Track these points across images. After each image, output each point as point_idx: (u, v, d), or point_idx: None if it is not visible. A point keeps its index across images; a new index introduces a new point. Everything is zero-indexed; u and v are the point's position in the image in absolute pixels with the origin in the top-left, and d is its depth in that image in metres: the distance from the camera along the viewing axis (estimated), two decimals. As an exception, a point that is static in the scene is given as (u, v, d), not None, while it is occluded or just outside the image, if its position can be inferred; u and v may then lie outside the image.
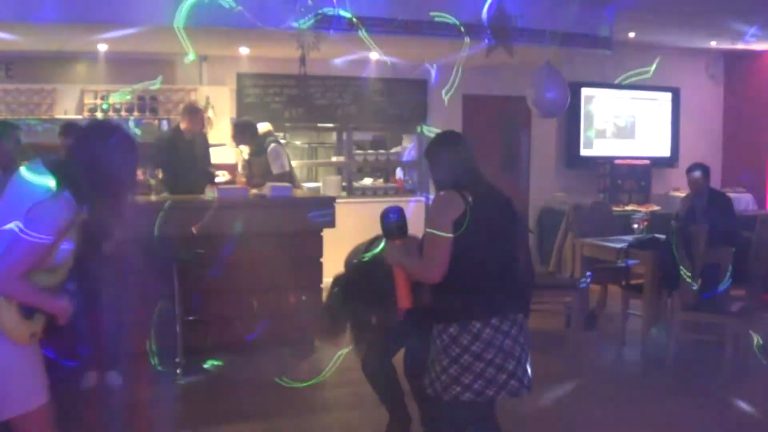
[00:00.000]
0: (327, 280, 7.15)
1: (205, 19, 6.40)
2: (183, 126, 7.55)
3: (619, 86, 11.57)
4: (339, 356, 5.43)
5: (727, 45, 11.58)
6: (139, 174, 8.15)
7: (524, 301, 3.87)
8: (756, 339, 6.64)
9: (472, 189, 3.52)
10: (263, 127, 8.31)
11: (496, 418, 3.78)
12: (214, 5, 5.57)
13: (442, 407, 3.57)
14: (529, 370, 3.60)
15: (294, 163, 8.89)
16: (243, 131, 8.06)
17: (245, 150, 8.23)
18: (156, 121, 9.63)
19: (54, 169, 2.99)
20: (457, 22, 7.21)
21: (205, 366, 6.14)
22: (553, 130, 11.45)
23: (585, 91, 11.46)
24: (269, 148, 7.95)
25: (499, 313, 3.52)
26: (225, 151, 9.40)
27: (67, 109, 9.20)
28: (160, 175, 7.64)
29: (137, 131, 8.26)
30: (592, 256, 7.69)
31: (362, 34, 6.57)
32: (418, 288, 3.75)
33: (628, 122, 11.92)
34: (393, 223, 3.75)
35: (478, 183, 3.63)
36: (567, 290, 7.47)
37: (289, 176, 7.86)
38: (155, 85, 8.50)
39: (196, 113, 7.64)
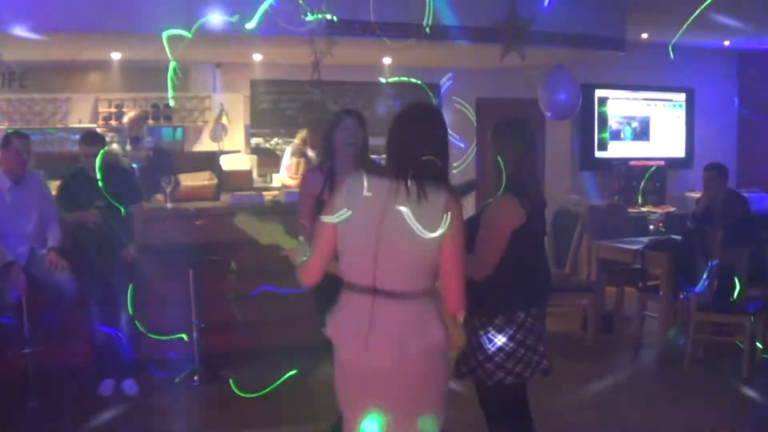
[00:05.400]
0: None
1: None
2: None
3: (633, 87, 11.56)
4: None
5: (740, 44, 11.53)
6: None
7: (548, 288, 4.11)
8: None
9: (531, 194, 3.62)
10: None
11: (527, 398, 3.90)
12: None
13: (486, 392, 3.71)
14: None
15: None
16: (315, 132, 7.66)
17: (312, 154, 7.88)
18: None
19: None
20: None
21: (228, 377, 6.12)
22: (566, 133, 11.42)
23: (598, 93, 11.44)
24: None
25: (537, 303, 3.70)
26: (238, 159, 9.42)
27: (81, 118, 9.25)
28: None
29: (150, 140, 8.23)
30: (608, 258, 7.67)
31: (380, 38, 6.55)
32: None
33: (642, 123, 11.88)
34: None
35: (535, 184, 3.74)
36: (583, 293, 7.45)
37: None
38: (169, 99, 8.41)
39: None
